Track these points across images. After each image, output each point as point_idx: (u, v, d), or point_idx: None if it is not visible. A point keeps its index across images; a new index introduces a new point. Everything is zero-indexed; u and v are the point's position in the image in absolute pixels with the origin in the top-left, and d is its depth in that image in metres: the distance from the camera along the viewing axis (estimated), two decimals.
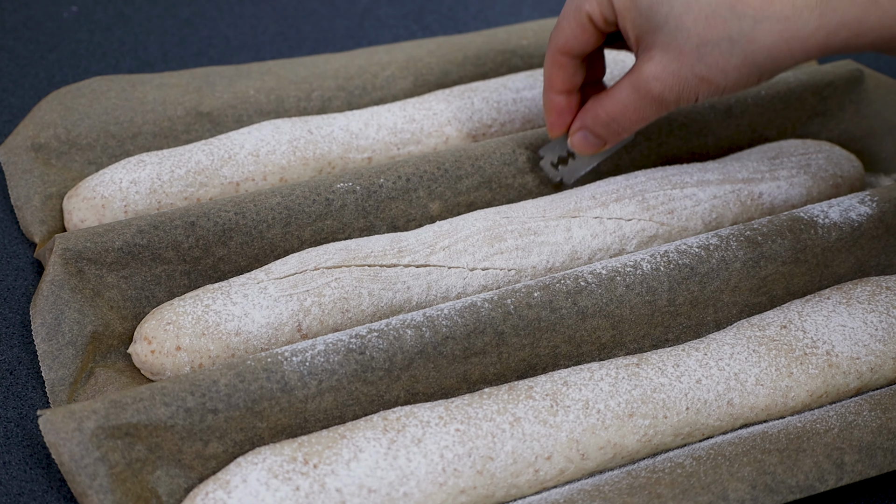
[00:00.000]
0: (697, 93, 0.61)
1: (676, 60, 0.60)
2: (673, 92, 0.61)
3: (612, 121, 0.65)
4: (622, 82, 0.63)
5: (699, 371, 0.63)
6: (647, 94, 0.62)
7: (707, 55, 0.59)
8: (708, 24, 0.58)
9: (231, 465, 0.58)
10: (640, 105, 0.63)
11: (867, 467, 0.60)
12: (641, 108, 0.63)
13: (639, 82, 0.62)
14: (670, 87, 0.61)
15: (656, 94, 0.62)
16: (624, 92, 0.63)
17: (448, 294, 0.69)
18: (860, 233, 0.71)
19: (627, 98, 0.63)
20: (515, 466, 0.59)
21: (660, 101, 0.62)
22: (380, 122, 0.80)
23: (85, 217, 0.73)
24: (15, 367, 0.68)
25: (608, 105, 0.65)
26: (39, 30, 0.97)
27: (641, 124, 0.65)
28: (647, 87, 0.62)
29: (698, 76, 0.60)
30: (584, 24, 0.64)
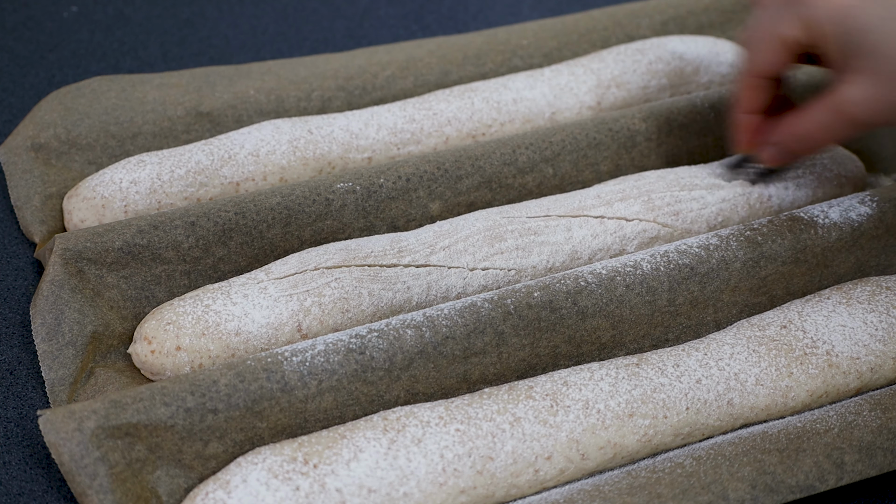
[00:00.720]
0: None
1: (883, 86, 0.61)
2: (875, 116, 0.62)
3: (807, 139, 0.66)
4: (820, 102, 0.64)
5: (699, 371, 0.63)
6: (845, 117, 0.63)
7: None
8: None
9: (231, 465, 0.58)
10: (836, 126, 0.64)
11: (867, 467, 0.60)
12: (837, 130, 0.64)
13: (839, 105, 0.63)
14: (871, 112, 0.62)
15: (855, 118, 0.63)
16: (821, 113, 0.64)
17: (448, 294, 0.69)
18: (860, 233, 0.71)
19: (824, 118, 0.64)
20: (515, 466, 0.59)
21: (856, 124, 0.63)
22: (380, 122, 0.80)
23: (85, 217, 0.73)
24: (15, 367, 0.68)
25: (804, 124, 0.66)
26: (39, 30, 0.97)
27: (835, 142, 0.66)
28: (846, 109, 0.63)
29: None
30: (778, 48, 0.65)
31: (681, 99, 0.82)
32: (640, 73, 0.86)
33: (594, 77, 0.85)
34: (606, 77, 0.86)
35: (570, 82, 0.85)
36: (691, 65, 0.88)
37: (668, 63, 0.87)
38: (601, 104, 0.85)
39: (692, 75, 0.87)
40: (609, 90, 0.85)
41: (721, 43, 0.90)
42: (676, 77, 0.87)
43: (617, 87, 0.85)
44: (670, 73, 0.87)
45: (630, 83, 0.86)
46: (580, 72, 0.86)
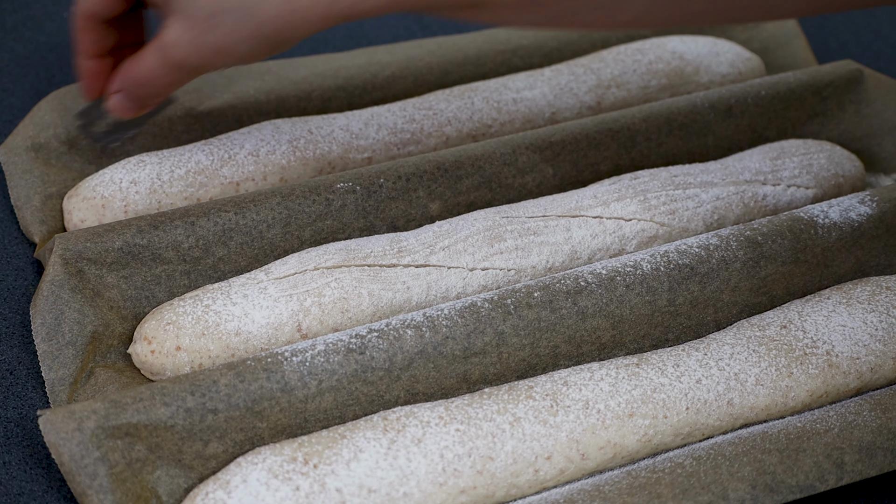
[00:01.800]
0: (215, 61, 0.61)
1: (193, 29, 0.60)
2: (192, 59, 0.61)
3: (144, 84, 0.65)
4: (149, 47, 0.63)
5: (699, 371, 0.63)
6: (170, 60, 0.62)
7: (219, 25, 0.59)
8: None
9: (231, 465, 0.58)
10: (166, 70, 0.63)
11: (867, 467, 0.60)
12: (169, 74, 0.63)
13: (162, 48, 0.62)
14: (191, 54, 0.61)
15: (179, 61, 0.62)
16: (151, 57, 0.63)
17: (448, 294, 0.69)
18: (860, 233, 0.71)
19: (154, 63, 0.63)
20: (515, 466, 0.59)
21: (184, 67, 0.62)
22: (380, 122, 0.80)
23: (85, 217, 0.73)
24: (15, 367, 0.68)
25: (138, 69, 0.64)
26: (39, 30, 0.97)
27: (174, 88, 0.65)
28: (168, 53, 0.62)
29: (214, 45, 0.60)
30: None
31: (681, 99, 0.82)
32: (640, 73, 0.86)
33: (594, 77, 0.85)
34: (606, 77, 0.86)
35: (570, 82, 0.85)
36: (691, 65, 0.88)
37: (668, 63, 0.87)
38: (601, 104, 0.85)
39: (692, 75, 0.87)
40: (609, 90, 0.85)
41: (721, 43, 0.90)
42: (676, 77, 0.87)
43: (617, 87, 0.85)
44: (670, 73, 0.87)
45: (630, 83, 0.86)
46: (580, 72, 0.86)
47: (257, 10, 0.58)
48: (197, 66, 0.62)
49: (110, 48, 0.68)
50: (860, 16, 1.03)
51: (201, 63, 0.62)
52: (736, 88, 0.83)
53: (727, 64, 0.89)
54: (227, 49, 0.60)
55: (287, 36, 0.59)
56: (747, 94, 0.82)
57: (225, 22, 0.59)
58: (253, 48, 0.60)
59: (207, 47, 0.60)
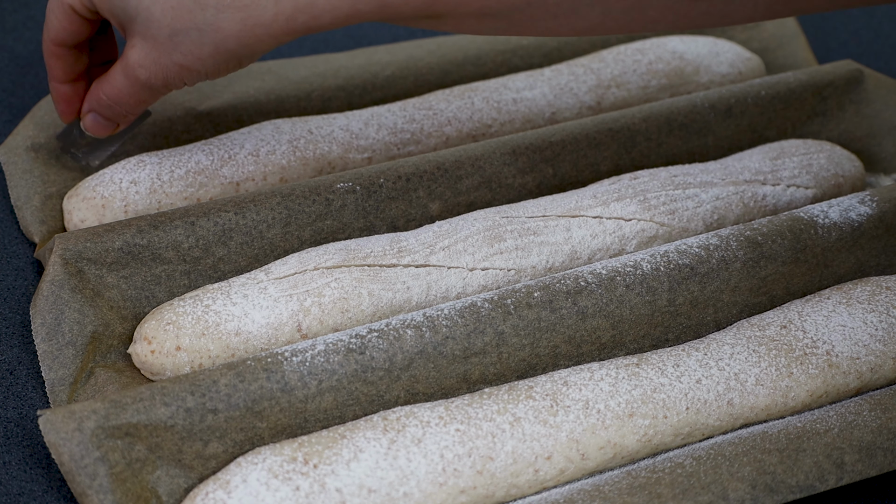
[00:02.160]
0: (181, 79, 0.62)
1: (155, 49, 0.61)
2: (158, 78, 0.62)
3: (114, 104, 0.66)
4: (116, 67, 0.64)
5: (699, 371, 0.63)
6: (136, 80, 0.63)
7: (181, 44, 0.60)
8: (175, 15, 0.59)
9: (231, 465, 0.58)
10: (133, 90, 0.64)
11: (867, 467, 0.60)
12: (136, 93, 0.64)
13: (127, 69, 0.63)
14: (154, 74, 0.62)
15: (144, 80, 0.63)
16: (118, 77, 0.64)
17: (448, 294, 0.69)
18: (860, 233, 0.71)
19: (121, 83, 0.64)
20: (515, 466, 0.59)
21: (149, 86, 0.63)
22: (380, 122, 0.80)
23: (85, 217, 0.73)
24: (15, 367, 0.68)
25: (107, 89, 0.66)
26: (39, 30, 0.97)
27: (144, 105, 0.66)
28: (134, 73, 0.63)
29: (177, 64, 0.61)
30: (70, 15, 0.65)
31: (681, 99, 0.82)
32: (640, 73, 0.86)
33: (594, 77, 0.85)
34: (606, 77, 0.86)
35: (570, 82, 0.85)
36: (691, 65, 0.88)
37: (668, 63, 0.87)
38: (601, 104, 0.85)
39: (692, 75, 0.87)
40: (609, 90, 0.85)
41: (721, 43, 0.90)
42: (676, 77, 0.87)
43: (617, 87, 0.86)
44: (670, 73, 0.87)
45: (630, 83, 0.86)
46: (580, 72, 0.86)
47: (216, 28, 0.59)
48: (161, 84, 0.63)
49: (82, 71, 0.69)
50: (860, 16, 1.03)
51: (165, 82, 0.63)
52: (736, 88, 0.83)
53: (727, 64, 0.89)
54: (190, 67, 0.61)
55: (248, 51, 0.60)
56: (747, 94, 0.82)
57: (185, 41, 0.60)
58: (215, 65, 0.61)
59: (170, 66, 0.61)
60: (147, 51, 0.61)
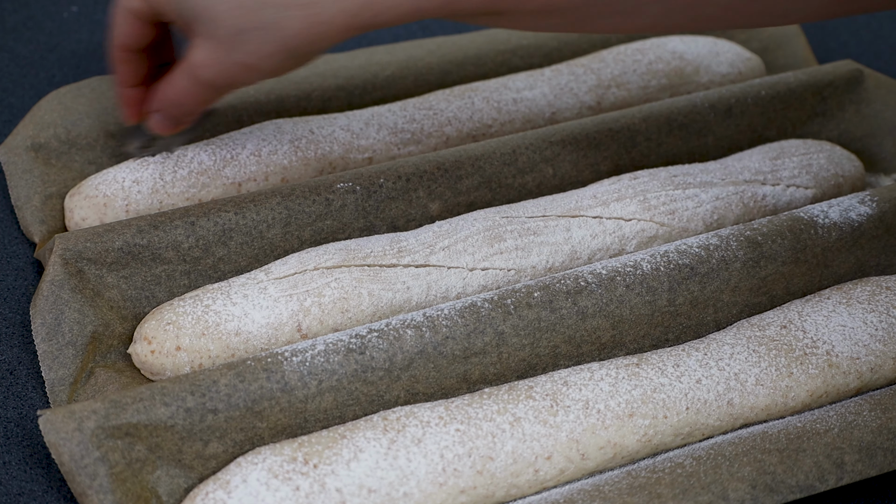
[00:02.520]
0: (243, 78, 0.63)
1: (218, 49, 0.61)
2: (221, 78, 0.63)
3: (178, 104, 0.67)
4: (178, 68, 0.65)
5: (699, 371, 0.63)
6: (198, 81, 0.64)
7: (244, 43, 0.60)
8: (239, 14, 0.59)
9: (231, 465, 0.58)
10: (196, 90, 0.65)
11: (867, 467, 0.60)
12: (198, 93, 0.65)
13: (190, 70, 0.63)
14: (217, 74, 0.63)
15: (207, 80, 0.63)
16: (181, 78, 0.65)
17: (448, 294, 0.69)
18: (860, 233, 0.71)
19: (184, 84, 0.65)
20: (515, 466, 0.59)
21: (213, 86, 0.64)
22: (380, 122, 0.80)
23: (86, 215, 0.73)
24: (15, 367, 0.68)
25: (170, 90, 0.66)
26: (39, 30, 0.97)
27: (206, 105, 0.67)
28: (197, 74, 0.63)
29: (240, 63, 0.61)
30: (134, 20, 0.66)
31: (681, 99, 0.82)
32: (640, 73, 0.86)
33: (594, 77, 0.85)
34: (606, 77, 0.86)
35: (570, 82, 0.85)
36: (691, 65, 0.88)
37: (668, 63, 0.87)
38: (601, 104, 0.85)
39: (692, 75, 0.87)
40: (609, 90, 0.85)
41: (721, 43, 0.90)
42: (676, 77, 0.87)
43: (617, 87, 0.86)
44: (670, 73, 0.87)
45: (630, 83, 0.86)
46: (580, 72, 0.86)
47: (280, 26, 0.59)
48: (225, 84, 0.63)
49: (145, 74, 0.69)
50: (860, 16, 1.03)
51: (229, 81, 0.63)
52: (736, 88, 0.83)
53: (727, 64, 0.89)
54: (253, 66, 0.61)
55: (311, 49, 0.60)
56: (747, 94, 0.82)
57: (249, 40, 0.60)
58: (278, 63, 0.61)
59: (234, 66, 0.61)
60: (210, 51, 0.62)
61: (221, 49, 0.61)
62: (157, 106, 0.68)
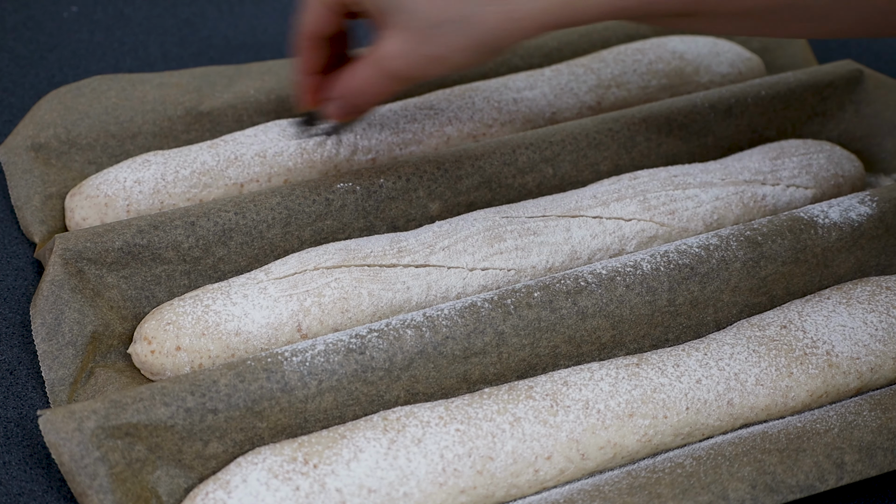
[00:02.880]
0: (431, 70, 0.64)
1: (411, 40, 0.62)
2: (409, 69, 0.64)
3: (360, 94, 0.68)
4: (366, 59, 0.66)
5: (699, 371, 0.63)
6: (385, 71, 0.65)
7: (439, 36, 0.61)
8: (439, 7, 0.60)
9: (231, 465, 0.58)
10: (380, 80, 0.66)
11: (867, 467, 0.60)
12: (382, 83, 0.66)
13: (378, 60, 0.65)
14: (406, 65, 0.64)
15: (394, 71, 0.64)
16: (367, 68, 0.66)
17: (448, 294, 0.69)
18: (860, 233, 0.71)
19: (369, 74, 0.66)
20: (515, 466, 0.59)
21: (399, 77, 0.65)
22: (382, 122, 0.80)
23: (87, 215, 0.73)
24: (15, 367, 0.68)
25: (352, 80, 0.67)
26: (39, 30, 0.97)
27: (387, 96, 0.68)
28: (385, 64, 0.64)
29: (431, 56, 0.62)
30: (325, 10, 0.67)
31: (681, 99, 0.82)
32: (640, 73, 0.86)
33: (594, 77, 0.85)
34: (606, 77, 0.86)
35: (570, 82, 0.85)
36: (691, 65, 0.88)
37: (668, 63, 0.87)
38: (601, 104, 0.85)
39: (692, 75, 0.87)
40: (609, 90, 0.85)
41: (721, 43, 0.90)
42: (676, 77, 0.87)
43: (617, 87, 0.86)
44: (670, 73, 0.87)
45: (630, 83, 0.86)
46: (580, 72, 0.86)
47: (477, 20, 0.60)
48: (410, 76, 0.64)
49: (326, 62, 0.71)
50: None
51: (416, 73, 0.64)
52: (736, 88, 0.83)
53: (727, 64, 0.89)
54: (443, 59, 0.62)
55: (502, 44, 0.61)
56: (747, 94, 0.82)
57: (444, 33, 0.61)
58: (468, 57, 0.62)
59: (423, 58, 0.62)
60: (401, 42, 0.62)
61: (414, 41, 0.62)
62: (337, 94, 0.69)
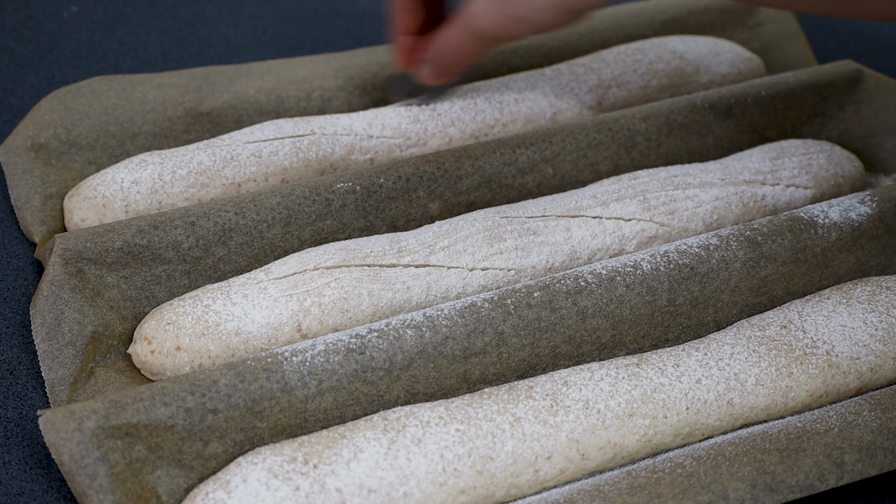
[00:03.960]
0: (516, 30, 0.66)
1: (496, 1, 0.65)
2: (494, 29, 0.66)
3: (450, 54, 0.70)
4: (455, 20, 0.68)
5: (699, 371, 0.63)
6: (474, 31, 0.67)
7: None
8: None
9: (231, 465, 0.58)
10: (468, 41, 0.68)
11: (867, 467, 0.60)
12: (470, 44, 0.69)
13: (466, 20, 0.67)
14: (492, 24, 0.66)
15: (481, 31, 0.67)
16: (457, 29, 0.69)
17: (448, 294, 0.69)
18: (860, 233, 0.71)
19: (458, 35, 0.69)
20: (515, 466, 0.59)
21: (486, 38, 0.67)
22: (383, 123, 0.80)
23: (86, 216, 0.73)
24: (15, 367, 0.68)
25: (443, 41, 0.70)
26: (39, 30, 0.97)
27: (474, 57, 0.70)
28: (472, 24, 0.67)
29: (515, 16, 0.65)
30: None
31: (681, 99, 0.82)
32: (640, 73, 0.86)
33: (594, 77, 0.86)
34: (607, 77, 0.86)
35: (570, 82, 0.85)
36: (691, 65, 0.88)
37: (668, 63, 0.87)
38: (601, 104, 0.85)
39: (692, 75, 0.87)
40: (609, 90, 0.85)
41: (721, 43, 0.90)
42: (676, 77, 0.87)
43: (617, 87, 0.86)
44: (670, 73, 0.87)
45: (630, 83, 0.86)
46: (580, 72, 0.86)
47: None
48: (497, 36, 0.67)
49: (421, 24, 0.74)
50: None
51: (501, 33, 0.66)
52: (736, 88, 0.83)
53: (727, 64, 0.89)
54: (527, 19, 0.64)
55: (585, 6, 0.64)
56: (747, 94, 0.82)
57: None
58: (551, 18, 0.64)
59: (508, 18, 0.65)
60: (488, 2, 0.65)
61: (499, 1, 0.64)
62: (429, 56, 0.71)
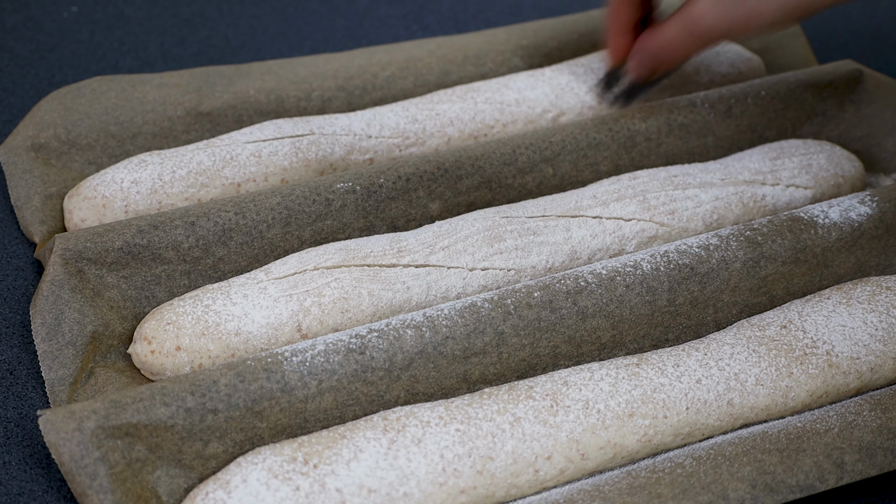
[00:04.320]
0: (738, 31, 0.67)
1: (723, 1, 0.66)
2: (716, 30, 0.67)
3: (665, 51, 0.71)
4: (673, 19, 0.69)
5: (699, 371, 0.63)
6: (695, 30, 0.68)
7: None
8: None
9: (231, 465, 0.58)
10: (686, 39, 0.69)
11: (867, 467, 0.60)
12: (687, 42, 0.70)
13: (688, 19, 0.68)
14: (717, 24, 0.67)
15: (703, 30, 0.68)
16: (675, 27, 0.70)
17: (448, 294, 0.69)
18: (860, 233, 0.71)
19: (676, 33, 0.70)
20: (515, 466, 0.59)
21: (706, 36, 0.68)
22: (382, 123, 0.80)
23: (85, 216, 0.73)
24: (15, 367, 0.68)
25: (658, 39, 0.71)
26: (39, 30, 0.97)
27: (690, 55, 0.71)
28: (694, 23, 0.68)
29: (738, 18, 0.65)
30: None
31: (681, 99, 0.82)
32: None
33: (595, 77, 0.85)
34: None
35: (570, 82, 0.85)
36: (691, 65, 0.88)
37: None
38: (601, 104, 0.85)
39: (692, 75, 0.87)
40: None
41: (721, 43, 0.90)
42: (676, 77, 0.87)
43: (617, 87, 0.85)
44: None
45: None
46: (580, 72, 0.86)
47: None
48: (720, 35, 0.67)
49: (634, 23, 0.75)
50: (860, 16, 1.03)
51: (723, 34, 0.67)
52: (736, 88, 0.83)
53: (727, 64, 0.89)
54: (753, 19, 0.65)
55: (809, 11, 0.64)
56: (747, 94, 0.82)
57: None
58: (772, 20, 0.65)
59: (731, 20, 0.65)
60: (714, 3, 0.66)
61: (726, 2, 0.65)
62: (645, 52, 0.72)
